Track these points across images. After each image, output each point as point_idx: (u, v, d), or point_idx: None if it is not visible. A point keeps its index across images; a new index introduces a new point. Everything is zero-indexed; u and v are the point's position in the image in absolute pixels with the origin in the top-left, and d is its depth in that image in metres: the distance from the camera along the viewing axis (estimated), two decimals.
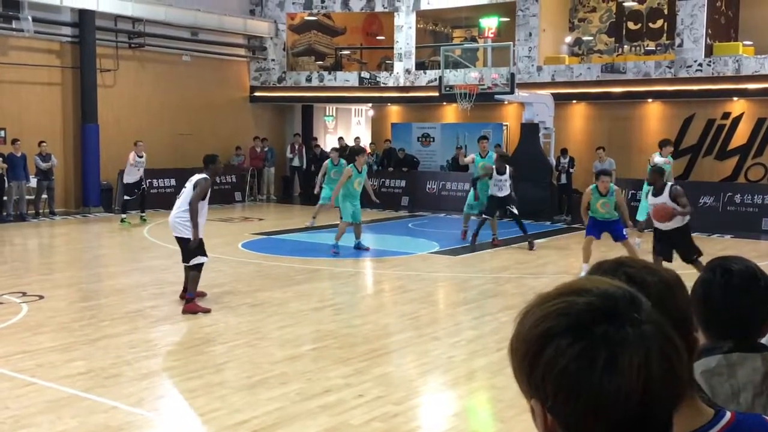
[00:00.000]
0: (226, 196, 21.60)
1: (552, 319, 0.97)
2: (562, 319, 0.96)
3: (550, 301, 1.00)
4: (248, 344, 7.29)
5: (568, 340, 0.95)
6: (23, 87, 18.42)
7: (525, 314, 1.02)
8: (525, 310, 1.03)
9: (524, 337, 1.00)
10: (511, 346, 1.03)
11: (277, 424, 5.21)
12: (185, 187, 8.78)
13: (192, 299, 8.56)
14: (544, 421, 0.98)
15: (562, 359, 0.94)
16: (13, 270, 11.48)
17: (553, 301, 1.00)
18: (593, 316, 0.96)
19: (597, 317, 0.96)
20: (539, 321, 0.99)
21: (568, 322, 0.96)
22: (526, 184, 17.97)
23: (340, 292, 10.14)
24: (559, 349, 0.95)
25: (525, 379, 1.00)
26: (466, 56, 20.52)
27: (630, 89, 18.95)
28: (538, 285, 10.46)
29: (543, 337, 0.97)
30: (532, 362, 0.97)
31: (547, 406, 0.97)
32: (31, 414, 5.35)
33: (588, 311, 0.96)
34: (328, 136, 26.58)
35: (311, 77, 23.55)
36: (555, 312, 0.98)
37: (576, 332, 0.95)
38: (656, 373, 0.94)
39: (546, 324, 0.97)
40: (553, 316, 0.98)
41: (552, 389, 0.95)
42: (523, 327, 1.01)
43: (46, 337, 7.41)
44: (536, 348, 0.97)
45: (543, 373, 0.96)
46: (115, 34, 20.06)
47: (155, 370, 6.47)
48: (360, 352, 7.03)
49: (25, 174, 17.31)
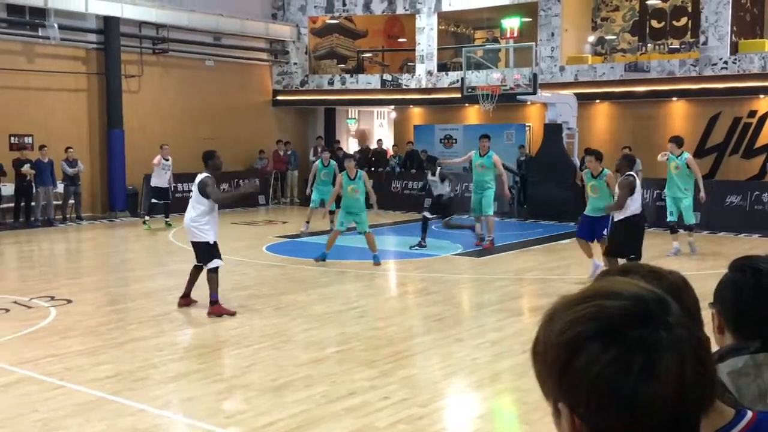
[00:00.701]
0: (249, 199, 21.71)
1: (582, 324, 0.94)
2: (593, 323, 0.94)
3: (578, 305, 0.97)
4: (273, 347, 7.33)
5: (601, 345, 0.92)
6: (50, 94, 18.68)
7: (550, 318, 0.99)
8: (550, 314, 1.00)
9: (553, 342, 0.97)
10: (535, 350, 1.01)
11: (302, 427, 5.23)
12: (191, 190, 8.84)
13: (216, 301, 8.62)
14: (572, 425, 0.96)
15: (596, 365, 0.91)
16: (42, 274, 11.64)
17: (582, 305, 0.97)
18: (626, 320, 0.93)
19: (630, 321, 0.93)
20: (568, 325, 0.95)
21: (599, 326, 0.93)
22: (550, 185, 17.91)
23: (364, 294, 10.15)
24: (593, 354, 0.92)
25: (554, 384, 0.97)
26: (488, 57, 20.47)
27: (654, 88, 18.79)
28: (563, 286, 10.41)
29: (574, 343, 0.94)
30: (564, 368, 0.94)
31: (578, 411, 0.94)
32: (59, 417, 5.42)
33: (620, 315, 0.93)
34: (350, 139, 26.64)
35: (333, 80, 23.63)
36: (585, 316, 0.95)
37: (609, 337, 0.92)
38: (690, 378, 0.92)
39: (576, 329, 0.94)
40: (584, 320, 0.94)
41: (585, 395, 0.92)
42: (550, 331, 0.98)
43: (75, 341, 7.50)
44: (567, 354, 0.94)
45: (575, 379, 0.93)
46: (140, 40, 20.28)
47: (182, 373, 6.53)
48: (384, 355, 7.04)
49: (53, 179, 17.54)
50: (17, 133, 18.13)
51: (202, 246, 8.62)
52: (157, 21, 20.13)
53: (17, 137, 18.11)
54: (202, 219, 8.54)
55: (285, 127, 24.05)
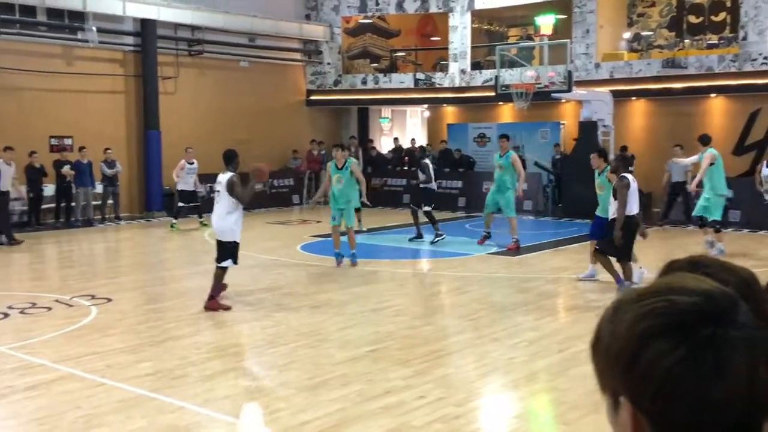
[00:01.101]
0: (283, 199, 21.88)
1: (652, 318, 0.93)
2: (663, 318, 0.92)
3: (647, 299, 0.95)
4: (309, 346, 7.37)
5: (671, 341, 0.90)
6: (88, 96, 18.99)
7: (616, 311, 0.98)
8: (616, 306, 0.98)
9: (620, 336, 0.95)
10: (597, 342, 1.00)
11: (339, 425, 5.26)
12: (217, 190, 8.88)
13: (214, 297, 8.80)
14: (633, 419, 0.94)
15: (665, 361, 0.90)
16: (82, 274, 11.85)
17: (652, 299, 0.95)
18: (697, 317, 0.91)
19: (701, 318, 0.91)
20: (637, 319, 0.94)
21: (670, 321, 0.92)
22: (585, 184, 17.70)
23: (399, 293, 10.16)
24: (662, 350, 0.90)
25: (617, 378, 0.96)
26: (522, 55, 20.34)
27: (692, 84, 18.52)
28: (598, 286, 10.32)
29: (643, 337, 0.92)
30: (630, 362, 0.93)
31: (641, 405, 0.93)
32: (101, 413, 5.52)
33: (692, 312, 0.92)
34: (383, 138, 26.66)
35: (366, 80, 23.68)
36: (655, 310, 0.93)
37: (679, 333, 0.91)
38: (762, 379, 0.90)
39: (646, 322, 0.93)
40: (654, 314, 0.93)
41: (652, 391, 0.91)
42: (616, 324, 0.97)
43: (115, 339, 7.63)
44: (635, 348, 0.93)
45: (643, 373, 0.92)
46: (176, 42, 20.53)
47: (220, 371, 6.60)
48: (420, 354, 7.05)
49: (92, 180, 17.84)
50: (57, 135, 18.47)
51: (228, 245, 8.74)
52: (192, 23, 20.36)
53: (57, 139, 18.45)
54: (231, 218, 8.68)
55: (318, 127, 24.16)
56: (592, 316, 8.70)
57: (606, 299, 9.46)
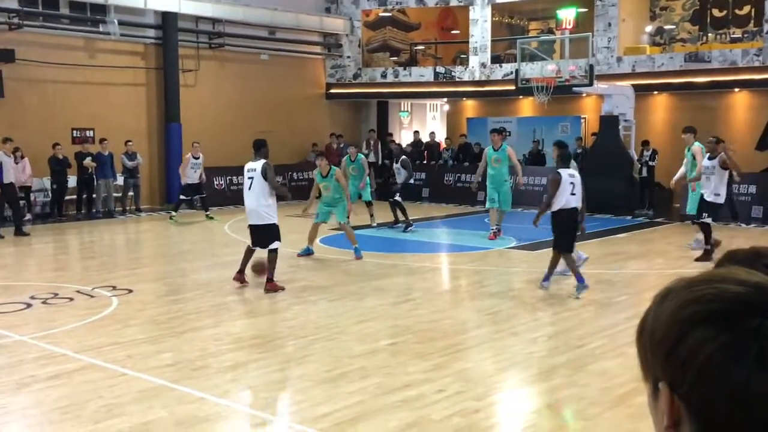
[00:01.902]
0: (303, 192, 21.87)
1: (700, 304, 0.92)
2: (711, 305, 0.91)
3: (698, 286, 0.95)
4: (328, 338, 7.39)
5: (716, 328, 0.90)
6: (110, 88, 19.13)
7: (665, 296, 0.97)
8: (665, 292, 0.98)
9: (665, 320, 0.95)
10: (643, 326, 0.99)
11: (358, 418, 5.27)
12: (251, 177, 9.26)
13: (272, 279, 9.35)
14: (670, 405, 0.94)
15: (708, 347, 0.89)
16: (103, 264, 11.95)
17: (702, 286, 0.95)
18: (746, 307, 0.91)
19: (749, 309, 0.90)
20: (685, 304, 0.94)
21: (717, 308, 0.91)
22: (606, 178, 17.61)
23: (418, 287, 10.16)
24: (706, 336, 0.90)
25: (659, 362, 0.95)
26: (543, 48, 20.22)
27: (715, 78, 18.32)
28: (619, 281, 10.26)
29: (688, 322, 0.92)
30: (673, 346, 0.93)
31: (680, 391, 0.92)
32: (123, 403, 5.56)
33: (741, 302, 0.91)
34: (403, 132, 26.63)
35: (386, 73, 23.65)
36: (704, 297, 0.93)
37: (726, 321, 0.90)
38: None
39: (693, 308, 0.92)
40: (702, 301, 0.92)
41: (693, 376, 0.91)
42: (663, 309, 0.96)
43: (136, 330, 7.69)
44: (679, 332, 0.92)
45: (684, 359, 0.91)
46: (196, 35, 20.62)
47: (240, 363, 6.64)
48: (439, 347, 7.04)
49: (113, 172, 17.98)
50: (79, 127, 18.62)
51: (269, 228, 9.29)
52: (213, 16, 20.43)
53: (79, 131, 18.60)
54: (268, 202, 9.22)
55: (338, 120, 24.18)
56: (612, 311, 8.66)
57: (625, 295, 9.41)
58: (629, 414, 5.31)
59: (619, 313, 8.46)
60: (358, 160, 15.09)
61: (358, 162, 15.08)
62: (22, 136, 17.10)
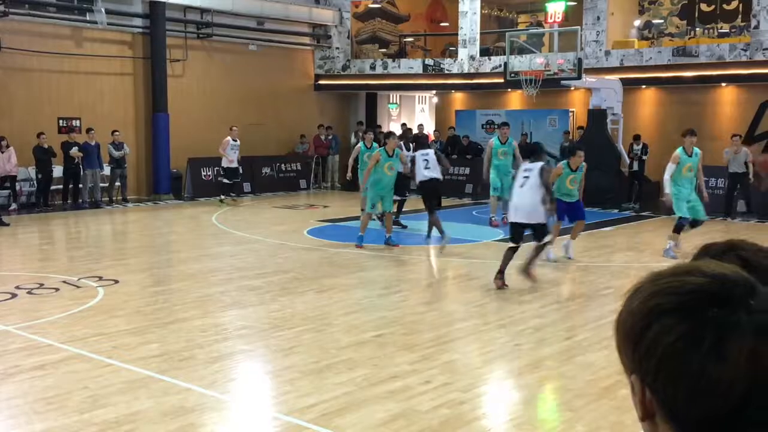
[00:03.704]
0: (291, 183, 21.90)
1: (662, 296, 0.96)
2: (673, 297, 0.95)
3: (663, 279, 0.99)
4: (315, 330, 7.39)
5: (676, 318, 0.93)
6: (97, 77, 18.99)
7: (636, 290, 1.01)
8: (636, 287, 1.02)
9: (632, 311, 0.99)
10: (618, 319, 1.02)
11: (345, 409, 5.28)
12: (526, 177, 9.25)
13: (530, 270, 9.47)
14: (642, 397, 0.97)
15: (668, 337, 0.93)
16: (89, 255, 11.89)
17: (667, 278, 0.98)
18: (706, 298, 0.94)
19: (710, 299, 0.94)
20: (649, 297, 0.97)
21: (678, 300, 0.94)
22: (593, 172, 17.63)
23: (405, 279, 10.17)
24: (666, 326, 0.93)
25: (628, 354, 0.99)
26: (532, 42, 20.24)
27: (703, 73, 18.40)
28: (606, 273, 10.31)
29: (651, 313, 0.96)
30: (638, 337, 0.96)
31: (647, 382, 0.96)
32: (108, 394, 5.54)
33: (701, 292, 0.94)
34: (392, 124, 26.59)
35: (375, 65, 23.59)
36: (666, 289, 0.96)
37: (686, 312, 0.93)
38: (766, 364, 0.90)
39: (656, 300, 0.96)
40: (664, 293, 0.96)
41: (654, 366, 0.94)
42: (632, 301, 1.00)
43: (122, 320, 7.66)
44: (643, 323, 0.96)
45: (647, 348, 0.95)
46: (184, 24, 20.48)
47: (226, 354, 6.62)
48: (426, 339, 7.06)
49: (99, 162, 17.87)
50: (66, 116, 18.49)
51: (542, 225, 9.37)
52: (201, 6, 20.30)
53: (65, 120, 18.46)
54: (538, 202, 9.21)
55: (326, 111, 24.12)
56: (598, 304, 8.70)
57: (611, 288, 9.46)
58: (614, 406, 5.35)
59: (605, 305, 8.50)
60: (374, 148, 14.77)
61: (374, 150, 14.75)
62: (7, 125, 16.97)
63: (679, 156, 11.23)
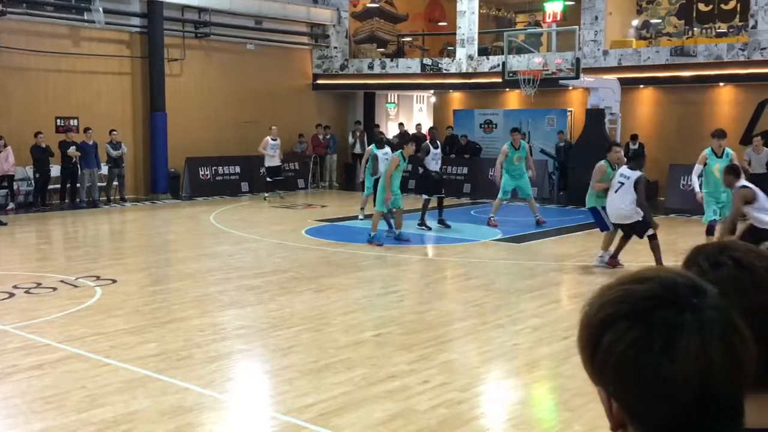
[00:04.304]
0: (289, 183, 21.87)
1: (611, 306, 1.00)
2: (620, 306, 0.99)
3: (609, 290, 1.03)
4: (313, 329, 7.38)
5: (625, 326, 0.96)
6: (95, 77, 18.97)
7: (589, 303, 1.05)
8: (590, 300, 1.06)
9: (585, 324, 1.03)
10: (578, 335, 1.06)
11: (343, 408, 5.28)
12: (621, 183, 9.98)
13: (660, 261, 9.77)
14: (608, 406, 1.00)
15: (620, 345, 0.96)
16: (87, 254, 11.88)
17: (614, 289, 1.02)
18: (652, 303, 0.97)
19: (655, 304, 0.97)
20: (600, 308, 1.01)
21: (626, 308, 0.98)
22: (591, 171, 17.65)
23: (403, 278, 10.17)
24: (617, 334, 0.97)
25: (589, 366, 1.02)
26: (530, 41, 20.25)
27: (700, 73, 18.41)
28: (604, 273, 10.31)
29: (602, 324, 0.99)
30: (594, 348, 1.00)
31: (609, 391, 0.99)
32: (106, 393, 5.54)
33: (647, 298, 0.98)
34: (389, 123, 26.60)
35: (373, 64, 23.59)
36: (614, 299, 1.00)
37: (634, 318, 0.97)
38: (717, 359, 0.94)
39: (605, 311, 1.00)
40: (613, 303, 1.00)
41: (612, 375, 0.97)
42: (585, 315, 1.04)
43: (120, 320, 7.65)
44: (596, 334, 0.99)
45: (603, 358, 0.98)
46: (182, 24, 20.46)
47: (224, 353, 6.62)
48: (424, 339, 7.06)
49: (97, 162, 17.85)
50: (63, 116, 18.46)
51: (635, 224, 10.02)
52: (199, 5, 20.28)
53: (63, 120, 18.45)
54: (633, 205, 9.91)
55: (324, 111, 24.11)
56: None
57: None
58: None
59: None
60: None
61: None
62: (5, 124, 16.95)
63: (706, 156, 11.20)
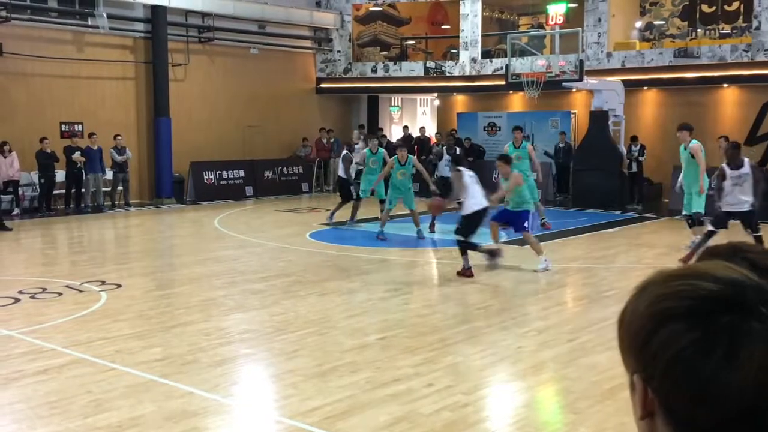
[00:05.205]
0: (293, 187, 21.90)
1: (673, 300, 0.94)
2: (684, 301, 0.93)
3: (673, 281, 0.96)
4: (318, 333, 7.39)
5: (686, 324, 0.91)
6: (99, 82, 19.02)
7: (643, 289, 0.99)
8: (643, 285, 0.99)
9: (641, 313, 0.96)
10: (622, 319, 1.00)
11: (348, 412, 5.28)
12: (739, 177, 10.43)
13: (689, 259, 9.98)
14: (644, 397, 0.96)
15: (677, 343, 0.91)
16: (92, 259, 11.90)
17: (678, 281, 0.96)
18: (718, 304, 0.92)
19: (722, 306, 0.91)
20: (659, 299, 0.95)
21: (689, 305, 0.92)
22: (595, 173, 17.67)
23: (408, 281, 10.16)
24: (677, 331, 0.91)
25: (634, 354, 0.97)
26: (533, 44, 20.24)
27: (704, 74, 18.39)
28: (609, 275, 10.30)
29: (661, 316, 0.93)
30: (646, 339, 0.94)
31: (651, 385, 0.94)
32: (112, 398, 5.55)
33: (713, 298, 0.92)
34: (393, 127, 26.61)
35: (377, 68, 23.61)
36: (678, 293, 0.94)
37: (697, 317, 0.91)
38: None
39: (666, 303, 0.94)
40: (675, 297, 0.94)
41: (661, 370, 0.92)
42: (639, 302, 0.97)
43: (125, 324, 7.66)
44: (652, 326, 0.94)
45: (655, 352, 0.93)
46: (186, 29, 20.52)
47: (229, 357, 6.63)
48: (429, 342, 7.05)
49: (102, 167, 17.89)
50: (68, 121, 18.51)
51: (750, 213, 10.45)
52: (203, 10, 20.33)
53: (68, 125, 18.49)
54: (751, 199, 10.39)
55: (328, 115, 24.13)
56: (601, 306, 8.69)
57: (614, 290, 9.45)
58: (618, 408, 5.33)
59: (609, 307, 8.48)
60: (380, 153, 14.77)
61: (380, 155, 14.70)
62: (10, 130, 17.00)
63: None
